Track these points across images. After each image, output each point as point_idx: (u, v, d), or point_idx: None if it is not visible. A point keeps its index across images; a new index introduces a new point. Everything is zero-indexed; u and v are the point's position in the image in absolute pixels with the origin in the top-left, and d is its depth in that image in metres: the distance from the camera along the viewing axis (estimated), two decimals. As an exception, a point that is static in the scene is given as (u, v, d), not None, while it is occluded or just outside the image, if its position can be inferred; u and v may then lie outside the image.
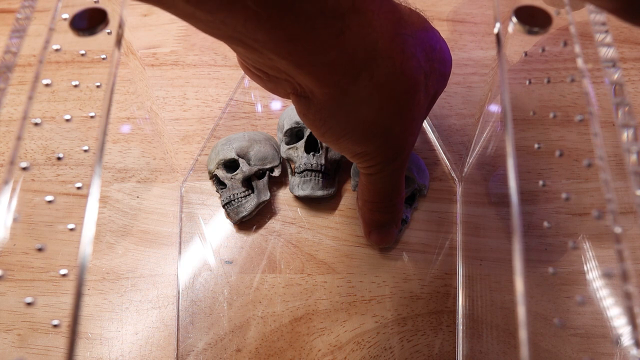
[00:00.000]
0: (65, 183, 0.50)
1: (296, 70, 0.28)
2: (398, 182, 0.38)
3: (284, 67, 0.28)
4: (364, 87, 0.29)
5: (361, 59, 0.28)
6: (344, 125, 0.32)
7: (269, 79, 0.31)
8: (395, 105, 0.31)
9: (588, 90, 0.24)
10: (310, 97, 0.30)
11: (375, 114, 0.31)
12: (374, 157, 0.34)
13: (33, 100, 0.26)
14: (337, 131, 0.32)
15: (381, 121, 0.32)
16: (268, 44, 0.26)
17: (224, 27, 0.25)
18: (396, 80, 0.30)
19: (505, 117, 0.23)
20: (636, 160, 0.22)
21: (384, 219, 0.43)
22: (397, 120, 0.32)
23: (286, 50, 0.26)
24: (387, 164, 0.35)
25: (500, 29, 0.27)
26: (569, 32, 0.25)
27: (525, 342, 0.17)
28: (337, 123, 0.31)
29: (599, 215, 0.21)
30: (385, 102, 0.31)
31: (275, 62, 0.28)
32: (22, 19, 0.27)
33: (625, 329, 0.19)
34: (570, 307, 0.42)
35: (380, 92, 0.30)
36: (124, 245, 0.47)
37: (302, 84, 0.29)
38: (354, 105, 0.30)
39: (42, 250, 0.29)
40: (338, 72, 0.28)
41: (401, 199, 0.41)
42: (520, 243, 0.20)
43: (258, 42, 0.26)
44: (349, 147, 0.34)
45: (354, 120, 0.31)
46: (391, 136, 0.33)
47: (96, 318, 0.44)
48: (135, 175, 0.51)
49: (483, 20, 0.60)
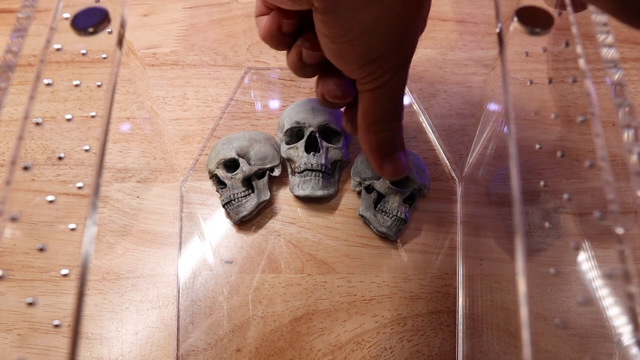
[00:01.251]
0: (65, 183, 0.50)
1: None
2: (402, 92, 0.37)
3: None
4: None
5: None
6: (373, 15, 0.31)
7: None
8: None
9: (590, 90, 0.24)
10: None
11: (400, 4, 0.31)
12: (388, 61, 0.34)
13: (34, 100, 0.26)
14: (364, 24, 0.32)
15: (403, 14, 0.32)
16: None
17: None
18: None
19: (507, 117, 0.23)
20: (637, 160, 0.22)
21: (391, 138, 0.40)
22: (414, 15, 0.33)
23: None
24: (395, 72, 0.35)
25: (501, 29, 0.27)
26: (571, 33, 0.25)
27: (528, 343, 0.17)
28: (367, 13, 0.31)
29: (601, 216, 0.21)
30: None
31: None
32: (23, 19, 0.27)
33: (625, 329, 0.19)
34: (571, 307, 0.42)
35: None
36: (124, 245, 0.47)
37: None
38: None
39: (43, 250, 0.29)
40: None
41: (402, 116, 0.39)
42: (522, 243, 0.20)
43: None
44: (368, 47, 0.33)
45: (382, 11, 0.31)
46: (408, 33, 0.33)
47: (96, 318, 0.44)
48: (135, 175, 0.51)
49: (483, 20, 0.60)
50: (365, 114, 0.38)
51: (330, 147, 0.48)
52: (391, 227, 0.46)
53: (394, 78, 0.35)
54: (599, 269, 0.34)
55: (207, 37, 0.60)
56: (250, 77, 0.58)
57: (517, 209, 0.21)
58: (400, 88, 0.36)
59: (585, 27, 0.26)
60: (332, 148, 0.48)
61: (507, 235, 0.42)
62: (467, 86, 0.55)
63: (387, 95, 0.36)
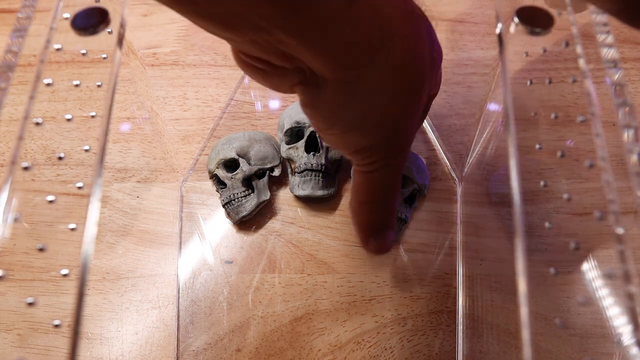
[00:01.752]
0: (65, 183, 0.50)
1: (307, 50, 0.26)
2: (397, 179, 0.36)
3: (293, 49, 0.26)
4: (379, 70, 0.27)
5: (377, 38, 0.26)
6: (354, 115, 0.30)
7: (274, 71, 0.30)
8: (407, 92, 0.30)
9: (590, 90, 0.24)
10: (321, 84, 0.29)
11: (387, 102, 0.29)
12: (379, 151, 0.32)
13: (34, 100, 0.26)
14: (347, 122, 0.31)
15: (392, 110, 0.30)
16: (275, 18, 0.24)
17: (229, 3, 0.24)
18: (410, 64, 0.29)
19: (507, 117, 0.23)
20: (637, 160, 0.22)
21: (380, 221, 0.41)
22: (407, 109, 0.31)
23: (294, 25, 0.25)
24: (390, 160, 0.33)
25: (502, 29, 0.27)
26: (571, 33, 0.25)
27: (528, 343, 0.17)
28: (347, 113, 0.30)
29: (601, 216, 0.21)
30: (398, 89, 0.29)
31: (285, 44, 0.26)
32: (23, 19, 0.27)
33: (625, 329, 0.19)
34: (571, 307, 0.42)
35: (395, 76, 0.28)
36: (124, 245, 0.47)
37: (314, 68, 0.28)
38: (367, 91, 0.28)
39: (43, 250, 0.29)
40: (353, 52, 0.27)
41: (398, 198, 0.39)
42: (522, 243, 0.20)
43: (264, 17, 0.24)
44: (356, 140, 0.32)
45: (367, 109, 0.30)
46: (400, 127, 0.31)
47: (96, 318, 0.44)
48: (135, 175, 0.51)
49: (483, 20, 0.60)
50: (357, 192, 0.37)
51: (330, 147, 0.49)
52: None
53: (389, 165, 0.34)
54: (599, 269, 0.34)
55: (207, 37, 0.60)
56: (250, 77, 0.58)
57: (517, 209, 0.21)
58: (394, 176, 0.35)
59: (586, 27, 0.26)
60: (332, 148, 0.48)
61: (507, 235, 0.42)
62: (467, 86, 0.55)
63: (380, 182, 0.35)
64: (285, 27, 0.25)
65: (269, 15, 0.24)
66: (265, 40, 0.26)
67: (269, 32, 0.25)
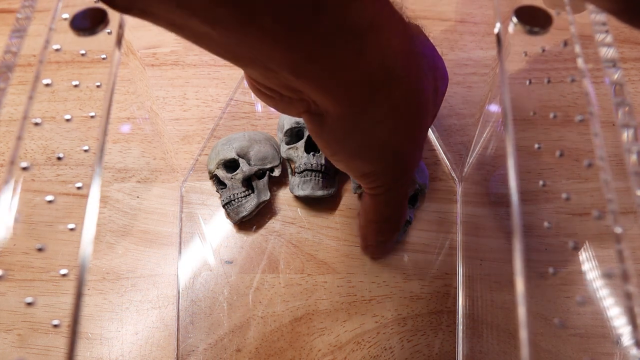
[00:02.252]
0: (65, 183, 0.50)
1: (313, 90, 0.27)
2: (403, 202, 0.38)
3: (300, 86, 0.27)
4: (380, 107, 0.28)
5: (380, 79, 0.27)
6: (356, 145, 0.31)
7: (282, 99, 0.31)
8: (407, 126, 0.31)
9: (588, 90, 0.24)
10: (325, 116, 0.30)
11: (388, 134, 0.31)
12: (382, 176, 0.34)
13: (33, 100, 0.26)
14: (349, 151, 0.32)
15: (393, 141, 0.31)
16: (285, 64, 0.25)
17: (239, 48, 0.25)
18: (410, 102, 0.30)
19: (506, 117, 0.23)
20: (636, 160, 0.22)
21: (385, 238, 0.43)
22: (408, 140, 0.32)
23: (304, 70, 0.26)
24: (394, 183, 0.35)
25: (500, 29, 0.27)
26: (570, 32, 0.25)
27: (526, 343, 0.17)
28: (350, 142, 0.31)
29: (600, 216, 0.21)
30: (399, 123, 0.30)
31: (292, 82, 0.27)
32: (22, 19, 0.27)
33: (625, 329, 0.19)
34: (570, 307, 0.42)
35: (395, 112, 0.29)
36: (124, 245, 0.47)
37: (318, 102, 0.29)
38: (368, 125, 0.30)
39: (42, 250, 0.29)
40: (356, 92, 0.28)
41: (404, 220, 0.41)
42: (520, 243, 0.20)
43: (274, 62, 0.25)
44: (359, 167, 0.34)
45: (368, 140, 0.31)
46: (401, 155, 0.33)
47: (96, 318, 0.44)
48: (135, 175, 0.51)
49: (483, 20, 0.60)
50: (366, 212, 0.40)
51: (330, 147, 0.48)
52: None
53: (393, 189, 0.35)
54: (599, 269, 0.33)
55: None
56: (250, 77, 0.58)
57: (515, 209, 0.21)
58: (399, 199, 0.37)
59: (585, 27, 0.26)
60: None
61: (507, 235, 0.42)
62: (467, 86, 0.55)
63: (386, 203, 0.37)
64: (295, 71, 0.26)
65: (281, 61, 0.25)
66: (273, 76, 0.27)
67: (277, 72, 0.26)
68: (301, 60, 0.25)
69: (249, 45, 0.24)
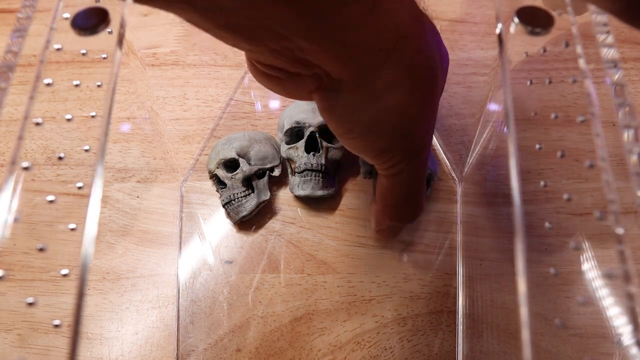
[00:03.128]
0: (66, 183, 0.50)
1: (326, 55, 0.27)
2: (421, 182, 0.37)
3: (313, 54, 0.27)
4: (394, 68, 0.28)
5: (393, 38, 0.27)
6: (372, 117, 0.31)
7: (291, 79, 0.30)
8: (421, 89, 0.30)
9: (590, 90, 0.24)
10: (339, 88, 0.29)
11: (404, 99, 0.30)
12: (399, 153, 0.33)
13: (34, 100, 0.26)
14: (364, 125, 0.31)
15: (409, 108, 0.31)
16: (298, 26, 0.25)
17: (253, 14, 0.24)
18: (423, 62, 0.29)
19: (508, 117, 0.23)
20: (637, 161, 0.22)
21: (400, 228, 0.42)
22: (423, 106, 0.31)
23: (317, 31, 0.26)
24: (411, 161, 0.34)
25: (502, 29, 0.27)
26: (571, 33, 0.25)
27: (528, 343, 0.17)
28: (365, 115, 0.31)
29: (601, 216, 0.21)
30: (413, 86, 0.30)
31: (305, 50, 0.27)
32: (23, 19, 0.27)
33: (625, 329, 0.19)
34: (571, 307, 0.42)
35: (409, 74, 0.29)
36: (124, 245, 0.47)
37: (331, 72, 0.29)
38: (384, 90, 0.29)
39: (43, 250, 0.29)
40: (370, 53, 0.27)
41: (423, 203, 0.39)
42: (522, 243, 0.20)
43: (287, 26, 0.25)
44: (375, 142, 0.33)
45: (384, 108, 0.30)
46: (416, 126, 0.32)
47: (96, 318, 0.44)
48: (135, 175, 0.51)
49: (483, 20, 0.60)
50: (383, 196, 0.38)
51: (330, 147, 0.48)
52: None
53: (410, 167, 0.34)
54: (599, 269, 0.34)
55: (207, 37, 0.59)
56: (251, 77, 0.57)
57: (517, 209, 0.21)
58: (417, 178, 0.36)
59: (586, 27, 0.26)
60: (332, 148, 0.48)
61: (507, 235, 0.42)
62: (467, 86, 0.55)
63: (404, 183, 0.36)
64: (308, 35, 0.26)
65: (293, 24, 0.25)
66: (285, 48, 0.27)
67: (290, 40, 0.26)
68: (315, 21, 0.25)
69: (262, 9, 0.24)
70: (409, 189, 0.36)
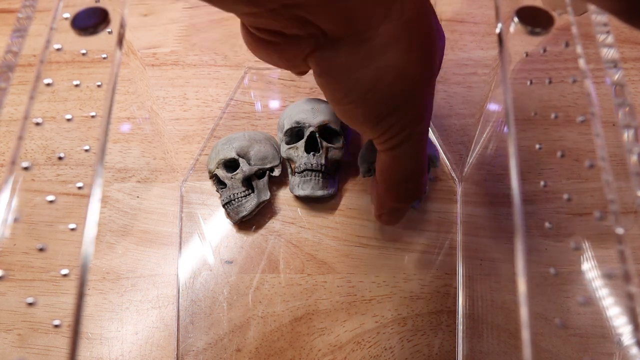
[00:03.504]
0: (65, 183, 0.50)
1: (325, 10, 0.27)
2: (422, 155, 0.35)
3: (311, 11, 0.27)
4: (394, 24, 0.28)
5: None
6: (371, 76, 0.30)
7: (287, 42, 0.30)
8: (420, 48, 0.30)
9: (590, 90, 0.24)
10: (336, 47, 0.29)
11: (403, 57, 0.29)
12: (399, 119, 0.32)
13: (34, 100, 0.26)
14: (363, 84, 0.30)
15: (408, 66, 0.30)
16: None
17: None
18: (422, 19, 0.29)
19: (508, 117, 0.23)
20: (637, 160, 0.22)
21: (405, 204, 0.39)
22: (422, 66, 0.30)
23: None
24: (412, 130, 0.32)
25: (502, 29, 0.27)
26: (571, 33, 0.25)
27: (528, 343, 0.17)
28: (364, 74, 0.30)
29: (601, 216, 0.21)
30: (412, 43, 0.29)
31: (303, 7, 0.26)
32: (23, 19, 0.27)
33: (625, 329, 0.19)
34: (571, 307, 0.42)
35: (409, 30, 0.29)
36: (124, 245, 0.47)
37: (329, 30, 0.28)
38: (382, 47, 0.29)
39: (43, 250, 0.29)
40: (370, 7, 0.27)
41: (426, 179, 0.37)
42: (522, 243, 0.20)
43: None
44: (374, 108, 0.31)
45: (382, 67, 0.29)
46: (416, 87, 0.31)
47: (96, 318, 0.44)
48: (135, 175, 0.51)
49: (483, 20, 0.60)
50: (383, 176, 0.36)
51: (330, 147, 0.48)
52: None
53: (411, 138, 0.33)
54: (599, 269, 0.34)
55: (207, 37, 0.60)
56: (250, 77, 0.58)
57: (517, 209, 0.21)
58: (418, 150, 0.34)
59: (586, 27, 0.26)
60: (332, 148, 0.48)
61: (507, 235, 0.42)
62: (467, 86, 0.55)
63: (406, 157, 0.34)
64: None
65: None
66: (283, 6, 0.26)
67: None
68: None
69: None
70: (410, 164, 0.35)
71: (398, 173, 0.35)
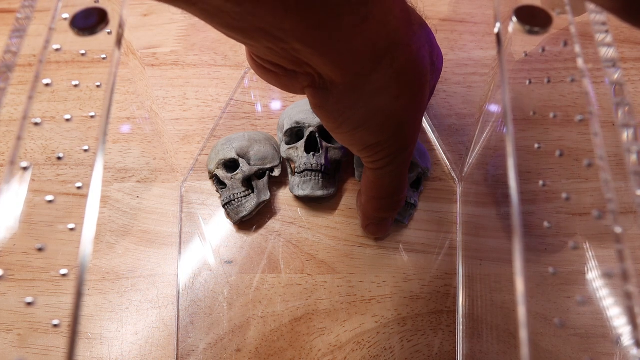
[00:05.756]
0: (65, 183, 0.50)
1: (320, 59, 0.28)
2: (403, 176, 0.39)
3: (307, 56, 0.28)
4: (384, 74, 0.30)
5: (383, 46, 0.29)
6: (360, 115, 0.32)
7: (286, 75, 0.32)
8: (410, 93, 0.32)
9: (588, 90, 0.24)
10: (330, 87, 0.31)
11: (392, 102, 0.31)
12: (385, 148, 0.35)
13: (33, 100, 0.26)
14: (354, 122, 0.33)
15: (397, 110, 0.32)
16: (294, 32, 0.26)
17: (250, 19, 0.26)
18: (412, 68, 0.31)
19: (506, 117, 0.23)
20: (636, 160, 0.22)
21: (385, 217, 0.43)
22: (411, 109, 0.33)
23: (312, 38, 0.27)
24: (396, 156, 0.35)
25: (500, 28, 0.27)
26: (569, 32, 0.25)
27: (526, 342, 0.17)
28: (355, 113, 0.32)
29: (600, 216, 0.21)
30: (402, 90, 0.31)
31: (299, 52, 0.28)
32: (22, 19, 0.27)
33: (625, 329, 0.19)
34: (571, 307, 0.42)
35: (398, 79, 0.30)
36: (124, 245, 0.47)
37: (324, 73, 0.30)
38: (373, 93, 0.30)
39: (42, 250, 0.29)
40: (361, 59, 0.29)
41: (405, 195, 0.41)
42: (520, 243, 0.20)
43: (284, 31, 0.26)
44: (362, 138, 0.34)
45: (372, 109, 0.32)
46: (403, 126, 0.33)
47: (96, 318, 0.44)
48: (135, 175, 0.51)
49: (483, 20, 0.60)
50: (367, 188, 0.41)
51: (330, 147, 0.48)
52: (402, 213, 0.47)
53: (395, 162, 0.36)
54: (599, 269, 0.34)
55: (207, 37, 0.60)
56: (251, 77, 0.58)
57: (515, 209, 0.21)
58: (401, 172, 0.38)
59: (585, 27, 0.26)
60: (332, 148, 0.48)
61: (507, 235, 0.42)
62: (467, 86, 0.55)
63: (388, 177, 0.38)
64: (303, 40, 0.27)
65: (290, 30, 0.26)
66: (281, 48, 0.28)
67: (286, 42, 0.27)
68: (310, 28, 0.26)
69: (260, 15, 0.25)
70: (391, 182, 0.39)
71: (380, 188, 0.40)
